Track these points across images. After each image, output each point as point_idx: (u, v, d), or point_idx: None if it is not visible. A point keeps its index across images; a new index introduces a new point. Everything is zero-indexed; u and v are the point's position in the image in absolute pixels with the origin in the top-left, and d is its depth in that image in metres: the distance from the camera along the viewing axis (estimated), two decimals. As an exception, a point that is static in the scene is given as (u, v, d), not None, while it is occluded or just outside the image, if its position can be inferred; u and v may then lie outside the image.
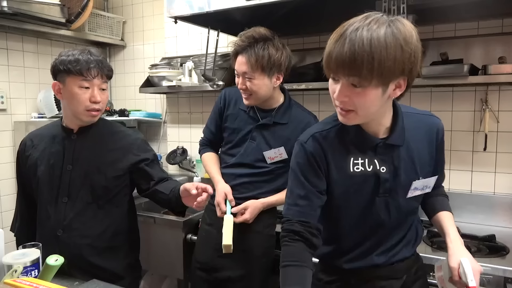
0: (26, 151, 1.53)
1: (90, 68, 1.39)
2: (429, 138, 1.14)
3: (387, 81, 0.93)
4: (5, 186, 2.57)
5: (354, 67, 0.90)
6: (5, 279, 1.06)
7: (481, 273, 1.07)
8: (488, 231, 1.79)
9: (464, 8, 1.79)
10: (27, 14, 2.34)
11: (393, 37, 0.89)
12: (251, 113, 1.69)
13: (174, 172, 2.93)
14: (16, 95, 2.62)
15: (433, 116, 1.19)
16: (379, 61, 0.88)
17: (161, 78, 2.56)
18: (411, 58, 0.93)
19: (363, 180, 1.10)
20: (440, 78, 1.82)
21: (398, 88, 0.98)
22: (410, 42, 0.92)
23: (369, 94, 0.93)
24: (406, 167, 1.10)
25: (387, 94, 0.96)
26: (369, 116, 1.01)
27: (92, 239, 1.47)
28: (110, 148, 1.50)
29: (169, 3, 2.00)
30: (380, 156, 1.09)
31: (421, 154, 1.12)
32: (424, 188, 1.15)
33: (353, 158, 1.10)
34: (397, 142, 1.09)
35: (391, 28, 0.90)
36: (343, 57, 0.90)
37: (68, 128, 1.50)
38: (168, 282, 2.46)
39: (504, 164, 1.97)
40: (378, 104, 0.97)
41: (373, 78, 0.90)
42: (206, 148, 1.86)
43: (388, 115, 1.08)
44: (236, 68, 1.61)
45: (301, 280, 1.03)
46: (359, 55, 0.88)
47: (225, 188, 1.67)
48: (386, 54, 0.88)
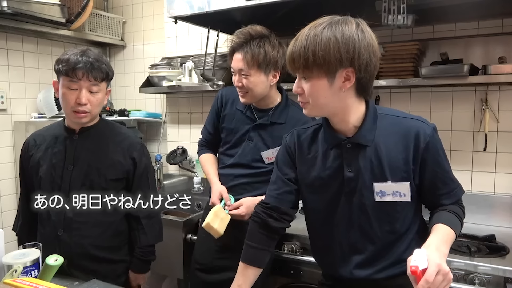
0: (29, 150, 1.53)
1: (75, 69, 1.36)
2: (405, 142, 1.07)
3: (329, 72, 1.00)
4: (5, 186, 2.57)
5: (296, 60, 1.02)
6: (5, 279, 1.06)
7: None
8: (488, 231, 1.79)
9: (464, 8, 1.79)
10: (27, 14, 2.34)
11: (329, 31, 0.99)
12: (248, 113, 1.68)
13: (174, 172, 2.93)
14: (16, 95, 2.62)
15: (421, 121, 1.10)
16: (313, 51, 0.98)
17: (161, 78, 2.56)
18: (349, 47, 0.98)
19: (329, 177, 1.13)
20: (440, 78, 1.82)
21: (348, 81, 1.02)
22: (348, 35, 0.98)
23: (315, 84, 1.02)
24: (373, 168, 1.08)
25: (336, 86, 1.02)
26: (321, 107, 1.06)
27: (92, 239, 1.47)
28: (111, 150, 1.50)
29: (169, 3, 2.00)
30: (346, 155, 1.11)
31: (393, 157, 1.07)
32: (397, 194, 1.08)
33: (321, 154, 1.15)
34: (362, 141, 1.09)
35: (331, 25, 1.00)
36: (289, 50, 1.04)
37: (70, 128, 1.50)
38: (168, 282, 2.46)
39: (504, 164, 1.97)
40: (327, 95, 1.03)
41: (313, 68, 1.00)
42: (204, 149, 1.86)
43: (355, 114, 1.09)
44: (232, 65, 1.62)
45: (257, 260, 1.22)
46: (297, 49, 1.01)
47: (220, 188, 1.67)
48: (321, 45, 0.98)
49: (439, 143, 1.10)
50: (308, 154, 1.18)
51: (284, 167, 1.24)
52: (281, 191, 1.23)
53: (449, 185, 1.12)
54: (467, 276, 1.50)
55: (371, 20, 1.73)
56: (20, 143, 2.30)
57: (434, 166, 1.08)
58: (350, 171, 1.10)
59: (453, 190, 1.12)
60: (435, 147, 1.08)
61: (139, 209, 1.55)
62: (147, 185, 1.57)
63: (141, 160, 1.54)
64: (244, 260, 1.23)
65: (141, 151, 1.56)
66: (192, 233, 2.04)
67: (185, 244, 2.03)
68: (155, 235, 1.59)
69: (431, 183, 1.10)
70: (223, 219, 1.59)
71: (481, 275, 1.48)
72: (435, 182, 1.10)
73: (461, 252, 1.63)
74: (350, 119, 1.09)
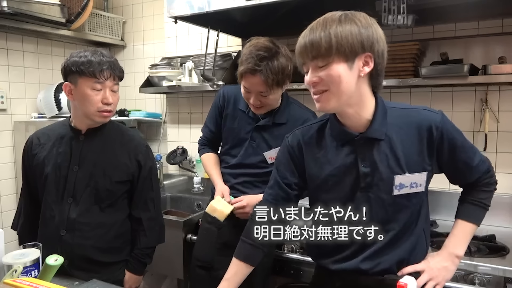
0: (33, 149, 1.53)
1: (103, 70, 1.38)
2: (418, 135, 1.09)
3: (350, 56, 0.99)
4: (5, 186, 2.57)
5: (314, 47, 0.99)
6: (5, 279, 1.06)
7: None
8: (488, 231, 1.79)
9: (464, 8, 1.79)
10: (27, 14, 2.34)
11: (347, 20, 1.00)
12: (250, 113, 1.68)
13: (174, 172, 2.94)
14: (16, 95, 2.62)
15: (429, 110, 1.12)
16: (335, 34, 0.97)
17: (161, 78, 2.56)
18: (369, 33, 1.00)
19: (343, 173, 1.11)
20: (440, 78, 1.82)
21: (366, 66, 1.02)
22: (364, 22, 1.00)
23: (335, 68, 0.99)
24: (389, 161, 1.08)
25: (355, 71, 1.01)
26: (341, 94, 1.02)
27: (94, 240, 1.47)
28: (117, 152, 1.50)
29: (169, 3, 2.00)
30: (359, 150, 1.09)
31: (407, 150, 1.08)
32: (414, 186, 1.10)
33: (331, 152, 1.13)
34: (376, 136, 1.08)
35: (347, 16, 1.01)
36: (304, 40, 1.02)
37: (76, 129, 1.49)
38: (168, 282, 2.46)
39: (504, 164, 1.97)
40: (348, 80, 1.00)
41: (333, 52, 0.98)
42: (206, 148, 1.85)
43: (367, 107, 1.08)
44: (248, 86, 1.55)
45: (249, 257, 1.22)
46: (316, 36, 0.99)
47: (223, 189, 1.67)
48: (342, 29, 0.98)
49: (450, 124, 1.11)
50: (318, 153, 1.15)
51: (284, 170, 1.21)
52: (278, 197, 1.21)
53: (469, 164, 1.14)
54: (467, 276, 1.50)
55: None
56: (20, 143, 2.31)
57: (451, 150, 1.10)
58: (365, 166, 1.09)
59: (474, 167, 1.15)
60: (448, 133, 1.09)
61: (142, 211, 1.55)
62: (150, 187, 1.58)
63: (146, 163, 1.55)
64: (237, 255, 1.23)
65: (146, 153, 1.57)
66: (192, 233, 2.04)
67: (185, 244, 2.03)
68: (156, 237, 1.60)
69: (451, 166, 1.14)
70: (225, 204, 1.61)
71: (481, 275, 1.48)
72: (455, 164, 1.13)
73: (461, 252, 1.63)
74: (364, 113, 1.07)
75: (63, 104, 2.52)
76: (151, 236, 1.57)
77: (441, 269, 1.14)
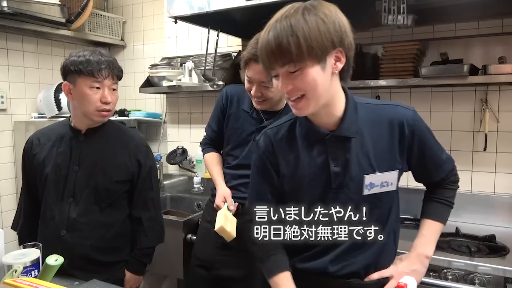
0: (33, 149, 1.53)
1: (101, 69, 1.39)
2: (390, 131, 1.05)
3: (322, 56, 0.94)
4: (5, 186, 2.57)
5: (284, 54, 0.92)
6: (5, 279, 1.06)
7: None
8: (488, 231, 1.79)
9: (464, 8, 1.79)
10: (27, 14, 2.34)
11: (311, 15, 0.92)
12: (254, 114, 1.66)
13: (174, 172, 2.94)
14: (16, 95, 2.62)
15: (401, 106, 1.09)
16: (304, 37, 0.90)
17: (161, 78, 2.56)
18: (336, 27, 0.94)
19: (314, 174, 1.07)
20: (440, 78, 1.82)
21: (338, 61, 0.97)
22: (329, 15, 0.94)
23: (310, 73, 0.94)
24: (359, 160, 1.05)
25: (328, 70, 0.96)
26: (319, 97, 0.98)
27: (94, 240, 1.47)
28: (117, 152, 1.50)
29: (169, 3, 2.00)
30: (330, 149, 1.06)
31: (378, 147, 1.05)
32: (385, 185, 1.07)
33: (303, 152, 1.09)
34: (347, 134, 1.04)
35: (308, 9, 0.94)
36: (270, 46, 0.93)
37: (76, 129, 1.50)
38: (168, 282, 2.46)
39: (504, 164, 1.97)
40: (324, 82, 0.96)
41: (305, 56, 0.92)
42: (209, 147, 1.84)
43: (338, 104, 1.04)
44: (250, 75, 1.54)
45: (284, 264, 1.12)
46: (283, 38, 0.91)
47: (224, 192, 1.66)
48: (309, 29, 0.91)
49: (422, 123, 1.09)
50: (289, 154, 1.11)
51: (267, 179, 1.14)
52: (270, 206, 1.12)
53: (437, 162, 1.14)
54: (467, 276, 1.50)
55: (371, 20, 1.74)
56: (20, 143, 2.31)
57: (421, 148, 1.09)
58: (336, 165, 1.05)
59: (441, 166, 1.14)
60: (420, 130, 1.07)
61: (142, 210, 1.55)
62: (150, 187, 1.58)
63: (145, 163, 1.55)
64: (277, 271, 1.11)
65: (146, 153, 1.57)
66: (192, 233, 2.04)
67: (185, 244, 2.03)
68: (156, 237, 1.60)
69: (420, 164, 1.11)
70: (232, 221, 1.57)
71: (481, 275, 1.48)
72: (424, 163, 1.11)
73: (461, 252, 1.63)
74: (335, 110, 1.04)
75: (63, 104, 2.52)
76: (151, 236, 1.57)
77: (410, 273, 1.10)
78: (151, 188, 1.58)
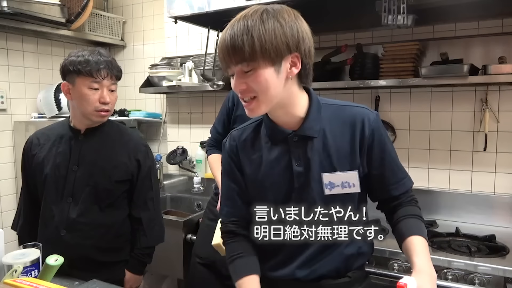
0: (32, 149, 1.53)
1: (100, 69, 1.39)
2: (351, 130, 1.05)
3: (276, 59, 0.94)
4: (5, 186, 2.57)
5: (237, 52, 0.93)
6: (5, 279, 1.06)
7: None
8: (488, 231, 1.79)
9: (464, 8, 1.79)
10: (27, 14, 2.34)
11: (270, 18, 0.93)
12: None
13: (174, 172, 2.94)
14: (16, 95, 2.62)
15: (366, 108, 1.09)
16: (259, 37, 0.91)
17: (161, 78, 2.56)
18: (294, 31, 0.95)
19: (278, 173, 1.07)
20: (440, 78, 1.82)
21: (294, 67, 0.97)
22: (288, 19, 0.95)
23: (262, 74, 0.94)
24: (322, 160, 1.04)
25: (283, 74, 0.97)
26: (271, 100, 0.98)
27: (94, 240, 1.47)
28: (116, 152, 1.51)
29: (169, 3, 2.00)
30: (293, 148, 1.06)
31: (340, 147, 1.05)
32: (346, 185, 1.05)
33: (266, 152, 1.09)
34: (309, 133, 1.04)
35: (268, 12, 0.95)
36: (226, 44, 0.95)
37: (76, 129, 1.50)
38: (168, 282, 2.46)
39: (504, 164, 1.97)
40: (276, 85, 0.96)
41: (258, 56, 0.92)
42: (213, 149, 1.84)
43: (298, 105, 1.04)
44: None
45: (251, 267, 1.09)
46: (238, 37, 0.92)
47: None
48: (265, 30, 0.92)
49: (384, 129, 1.09)
50: (253, 154, 1.11)
51: (235, 179, 1.14)
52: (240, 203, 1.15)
53: (397, 174, 1.10)
54: (467, 276, 1.50)
55: (371, 20, 1.74)
56: (20, 143, 2.31)
57: (381, 153, 1.07)
58: (299, 165, 1.05)
59: (401, 179, 1.10)
60: (380, 133, 1.07)
61: (142, 210, 1.55)
62: (150, 187, 1.58)
63: (145, 162, 1.55)
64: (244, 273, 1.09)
65: (146, 153, 1.57)
66: (192, 233, 2.04)
67: (185, 244, 2.03)
68: (156, 236, 1.60)
69: (379, 172, 1.08)
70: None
71: (481, 275, 1.48)
72: (383, 171, 1.08)
73: (461, 252, 1.63)
74: (296, 111, 1.04)
75: (63, 104, 2.52)
76: (150, 236, 1.57)
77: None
78: (151, 188, 1.58)
